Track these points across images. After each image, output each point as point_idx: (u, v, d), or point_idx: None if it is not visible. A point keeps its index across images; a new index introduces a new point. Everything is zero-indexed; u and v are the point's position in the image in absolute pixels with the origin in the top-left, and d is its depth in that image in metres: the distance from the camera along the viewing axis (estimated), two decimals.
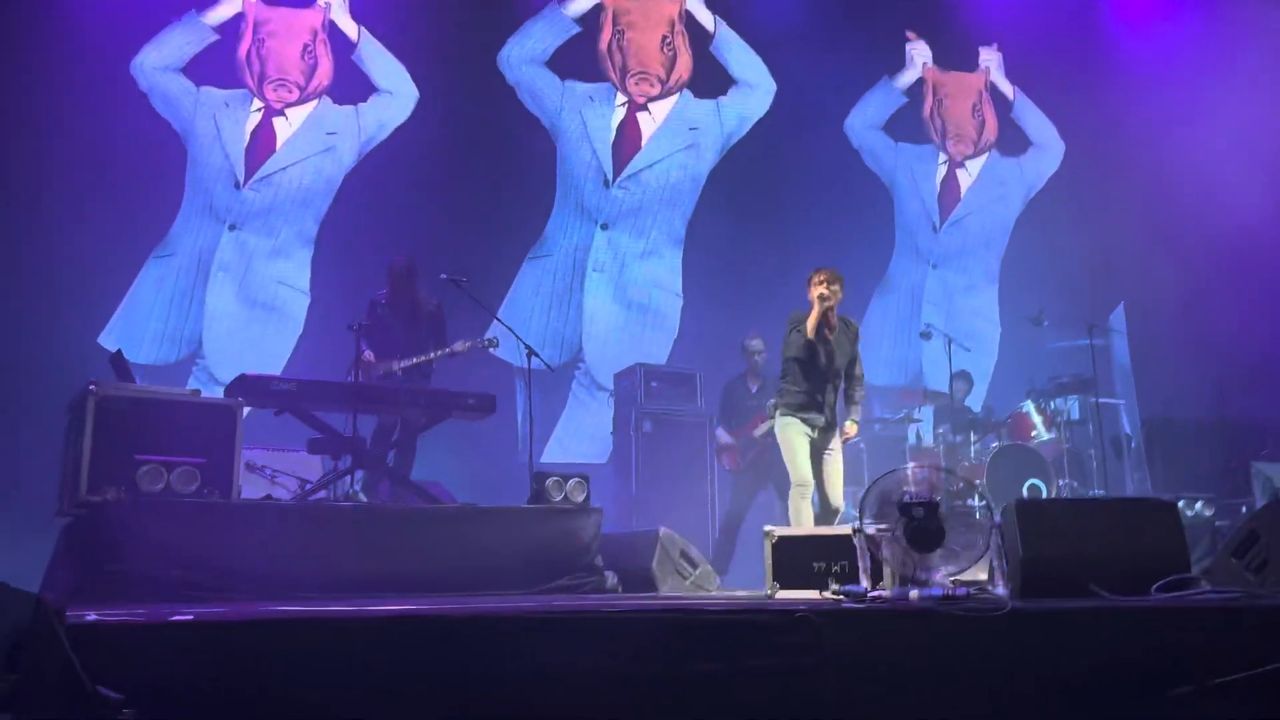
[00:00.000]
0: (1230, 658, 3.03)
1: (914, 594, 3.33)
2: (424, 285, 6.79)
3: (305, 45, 9.25)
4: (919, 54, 11.35)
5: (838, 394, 5.91)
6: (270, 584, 4.62)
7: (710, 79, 10.44)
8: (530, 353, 6.64)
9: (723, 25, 10.58)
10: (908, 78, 11.27)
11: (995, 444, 8.37)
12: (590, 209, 9.90)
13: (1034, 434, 8.44)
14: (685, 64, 10.38)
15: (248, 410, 5.46)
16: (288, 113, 9.10)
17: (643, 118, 10.18)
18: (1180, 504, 6.83)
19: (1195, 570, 4.01)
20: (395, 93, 9.38)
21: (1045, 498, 7.69)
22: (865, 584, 3.63)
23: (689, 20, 10.49)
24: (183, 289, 8.54)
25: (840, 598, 3.60)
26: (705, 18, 10.56)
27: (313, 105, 9.19)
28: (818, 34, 10.36)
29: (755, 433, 7.41)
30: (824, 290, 5.67)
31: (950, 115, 11.36)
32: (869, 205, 10.72)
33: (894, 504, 3.53)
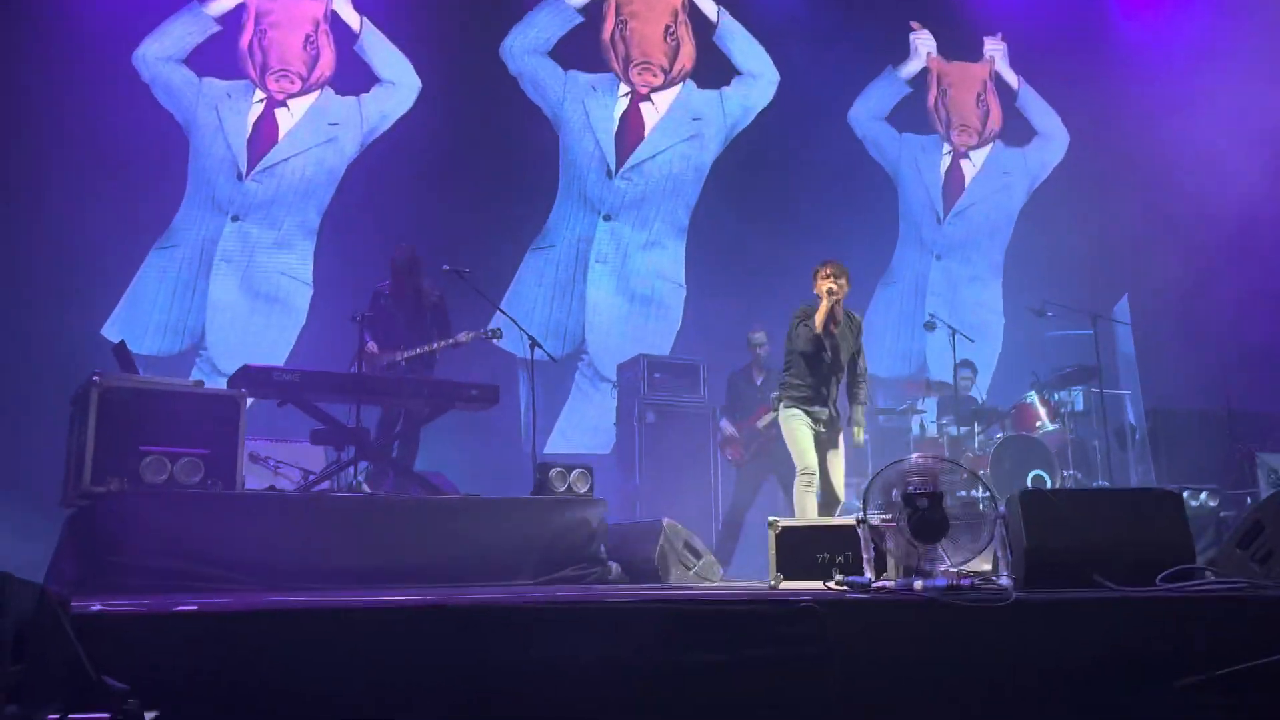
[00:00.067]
0: (1235, 648, 3.03)
1: (918, 585, 3.32)
2: (427, 276, 6.79)
3: (307, 36, 9.22)
4: (923, 44, 11.31)
5: (840, 387, 5.93)
6: (273, 574, 4.64)
7: (713, 69, 10.40)
8: (533, 344, 6.64)
9: (726, 15, 10.54)
10: (912, 68, 11.24)
11: (999, 435, 8.36)
12: (593, 200, 9.88)
13: (1038, 425, 8.43)
14: (688, 54, 10.35)
15: (251, 401, 5.46)
16: (290, 103, 9.08)
17: (646, 108, 10.15)
18: (1185, 495, 6.85)
19: (1200, 561, 4.00)
20: (397, 83, 9.36)
21: (1049, 488, 7.67)
22: (869, 575, 3.63)
23: (692, 10, 10.45)
24: (185, 280, 8.54)
25: (844, 588, 3.60)
26: (708, 7, 10.52)
27: (315, 96, 9.17)
28: (821, 24, 10.34)
29: (759, 424, 7.40)
30: (832, 284, 5.69)
31: (954, 105, 11.32)
32: (873, 196, 10.70)
33: (898, 495, 3.53)
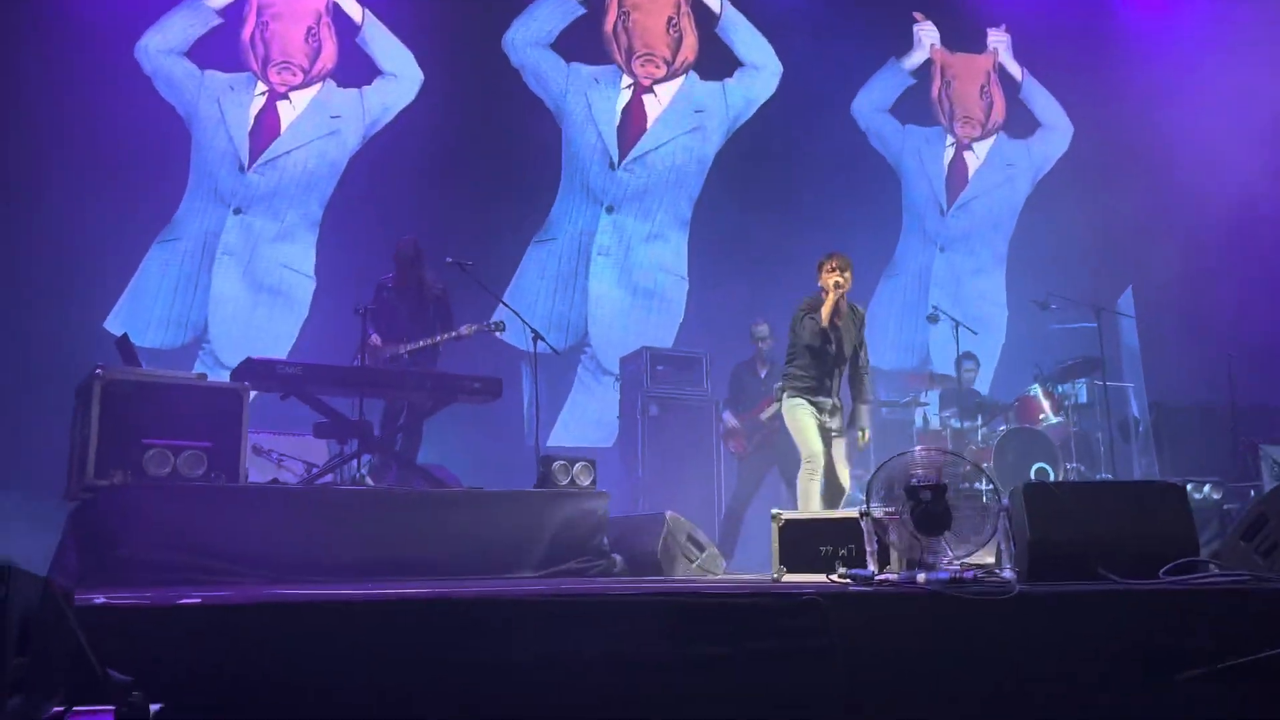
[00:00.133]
0: (1239, 641, 3.02)
1: (921, 577, 3.32)
2: (430, 268, 6.78)
3: (309, 28, 9.20)
4: (927, 35, 11.28)
5: (843, 379, 5.94)
6: (277, 567, 4.64)
7: (716, 61, 10.38)
8: (536, 336, 6.64)
9: (729, 6, 10.51)
10: (915, 59, 11.20)
11: (1002, 427, 8.35)
12: (596, 192, 9.86)
13: (1041, 417, 8.42)
14: (691, 46, 10.32)
15: (254, 394, 5.46)
16: (292, 96, 9.07)
17: (648, 100, 10.13)
18: (1188, 487, 6.84)
19: (1204, 554, 4.00)
20: (399, 75, 9.34)
21: (1053, 481, 7.67)
22: (872, 567, 3.62)
23: (695, 1, 10.42)
24: (188, 273, 8.54)
25: (847, 581, 3.59)
26: None
27: (317, 88, 9.16)
28: (824, 15, 10.31)
29: (762, 416, 7.40)
30: (838, 278, 5.72)
31: (958, 97, 11.29)
32: (876, 188, 10.67)
33: (901, 487, 3.52)
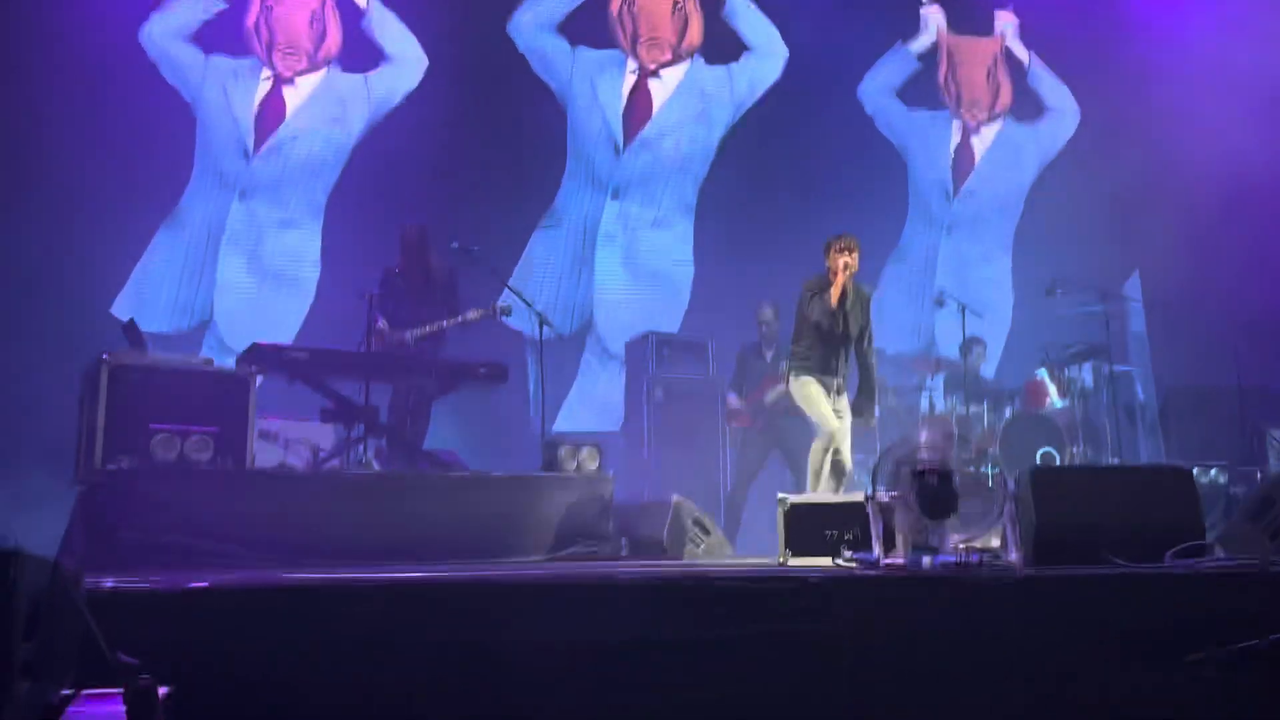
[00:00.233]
0: (1245, 624, 3.02)
1: (927, 561, 3.32)
2: (436, 254, 6.78)
3: (314, 12, 9.16)
4: (934, 19, 11.20)
5: (849, 359, 5.95)
6: (284, 551, 4.67)
7: (722, 45, 10.32)
8: (542, 321, 6.64)
9: None
10: (922, 43, 11.13)
11: (1008, 412, 8.34)
12: (601, 177, 9.84)
13: (1048, 401, 8.41)
14: (697, 30, 10.27)
15: (260, 379, 5.48)
16: (297, 81, 9.04)
17: (654, 84, 10.08)
18: (1195, 471, 6.82)
19: (1210, 537, 4.00)
20: (404, 61, 9.31)
21: (1059, 465, 7.67)
22: (878, 551, 3.63)
23: None
24: (194, 258, 8.54)
25: (853, 565, 3.60)
26: None
27: (321, 74, 9.13)
28: None
29: (766, 397, 7.40)
30: (847, 259, 5.76)
31: (965, 81, 11.22)
32: (882, 172, 10.62)
33: (907, 471, 3.52)
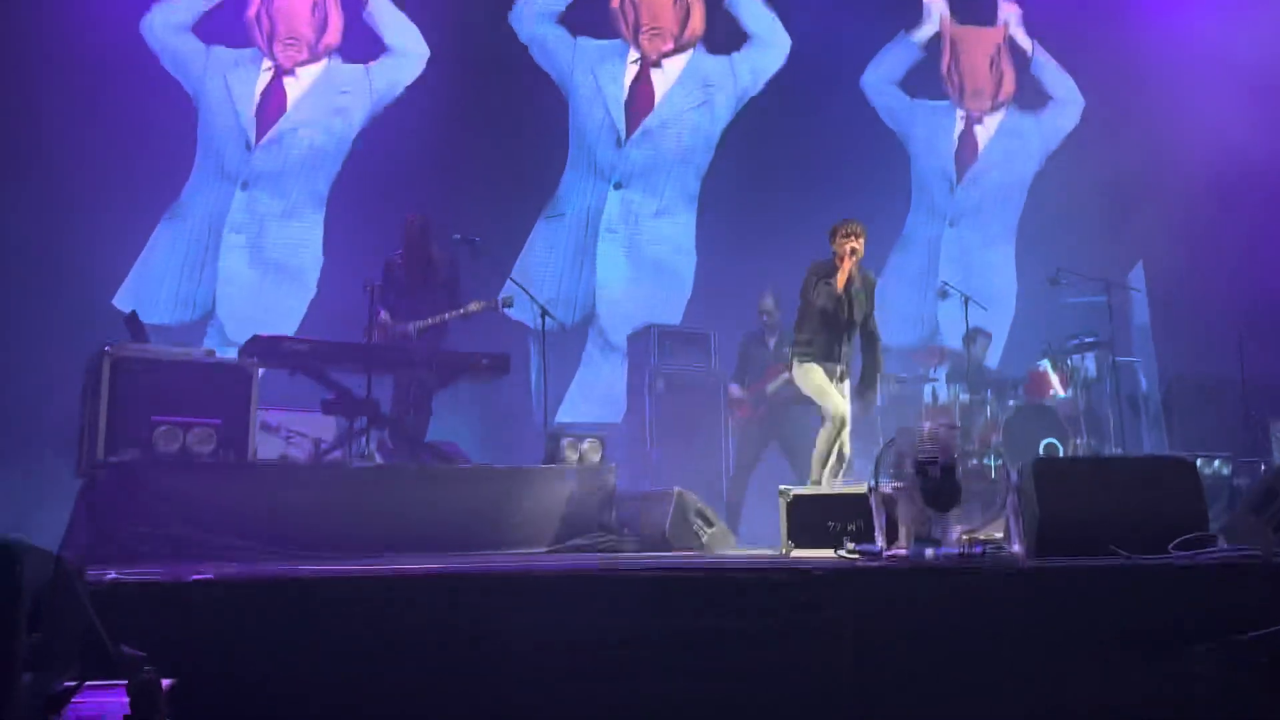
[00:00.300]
0: (1248, 615, 3.03)
1: (930, 552, 3.32)
2: (438, 245, 6.77)
3: (314, 3, 9.13)
4: (936, 8, 11.15)
5: (853, 345, 5.95)
6: (286, 543, 4.67)
7: (724, 34, 10.28)
8: (544, 313, 6.63)
9: None
10: (925, 32, 11.09)
11: (1012, 403, 8.33)
12: (603, 168, 9.82)
13: (1051, 393, 8.39)
14: (699, 19, 10.23)
15: (262, 371, 5.48)
16: (298, 72, 9.02)
17: (656, 74, 10.05)
18: (1198, 462, 6.81)
19: (1213, 528, 3.99)
20: (406, 51, 9.28)
21: (1062, 456, 7.66)
22: (881, 543, 3.63)
23: None
24: (196, 250, 8.54)
25: (856, 556, 3.60)
26: None
27: (323, 64, 9.11)
28: None
29: (768, 387, 7.39)
30: (854, 244, 5.76)
31: (968, 70, 11.18)
32: (885, 162, 10.59)
33: (910, 463, 3.52)
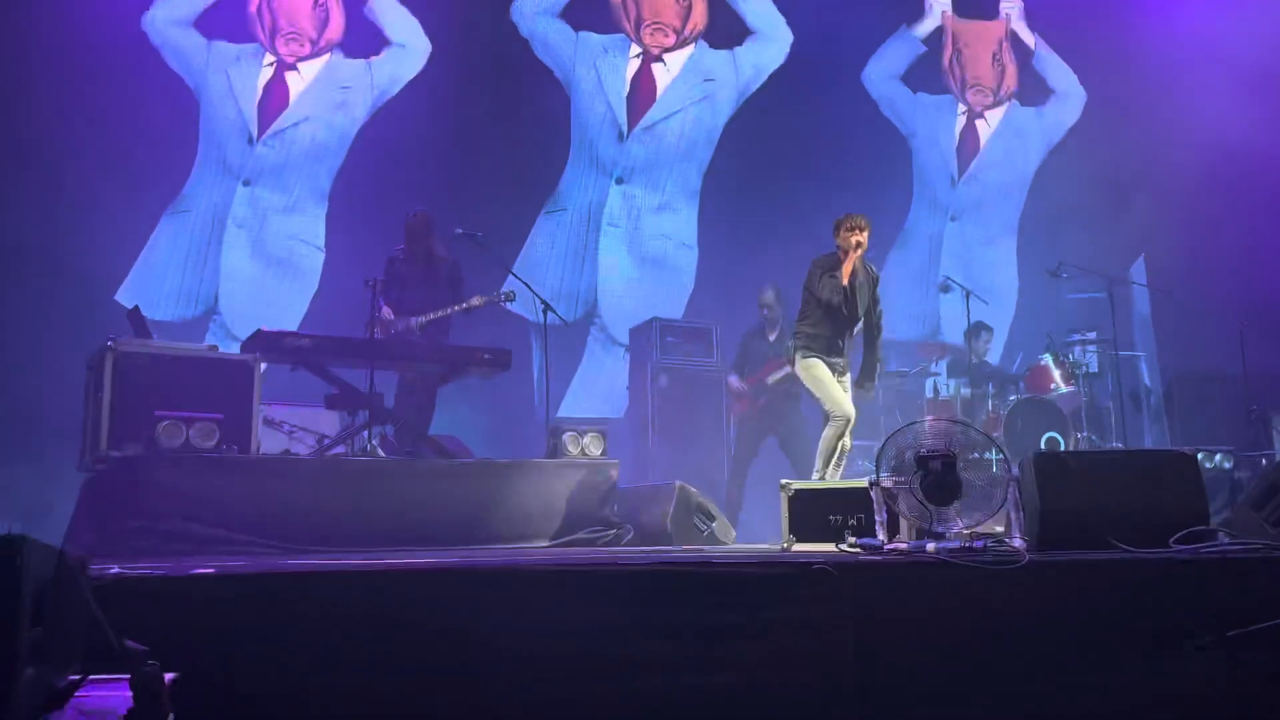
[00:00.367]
0: (1249, 609, 3.03)
1: (931, 546, 3.32)
2: (440, 240, 6.76)
3: None
4: (938, 2, 11.14)
5: (854, 340, 5.96)
6: (289, 538, 4.69)
7: (726, 29, 10.27)
8: (546, 308, 6.63)
9: None
10: (926, 26, 11.08)
11: (1013, 397, 8.33)
12: (605, 163, 9.81)
13: (1052, 387, 8.39)
14: (700, 14, 10.22)
15: (265, 366, 5.48)
16: (300, 67, 9.02)
17: (658, 69, 10.04)
18: (1200, 456, 6.81)
19: (1214, 522, 3.99)
20: (407, 46, 9.28)
21: (1063, 450, 7.66)
22: (882, 537, 3.63)
23: None
24: (198, 245, 8.54)
25: (857, 550, 3.60)
26: None
27: (325, 59, 9.10)
28: None
29: (769, 379, 7.39)
30: (859, 237, 5.78)
31: (970, 64, 11.17)
32: (887, 157, 10.58)
33: (911, 457, 3.52)
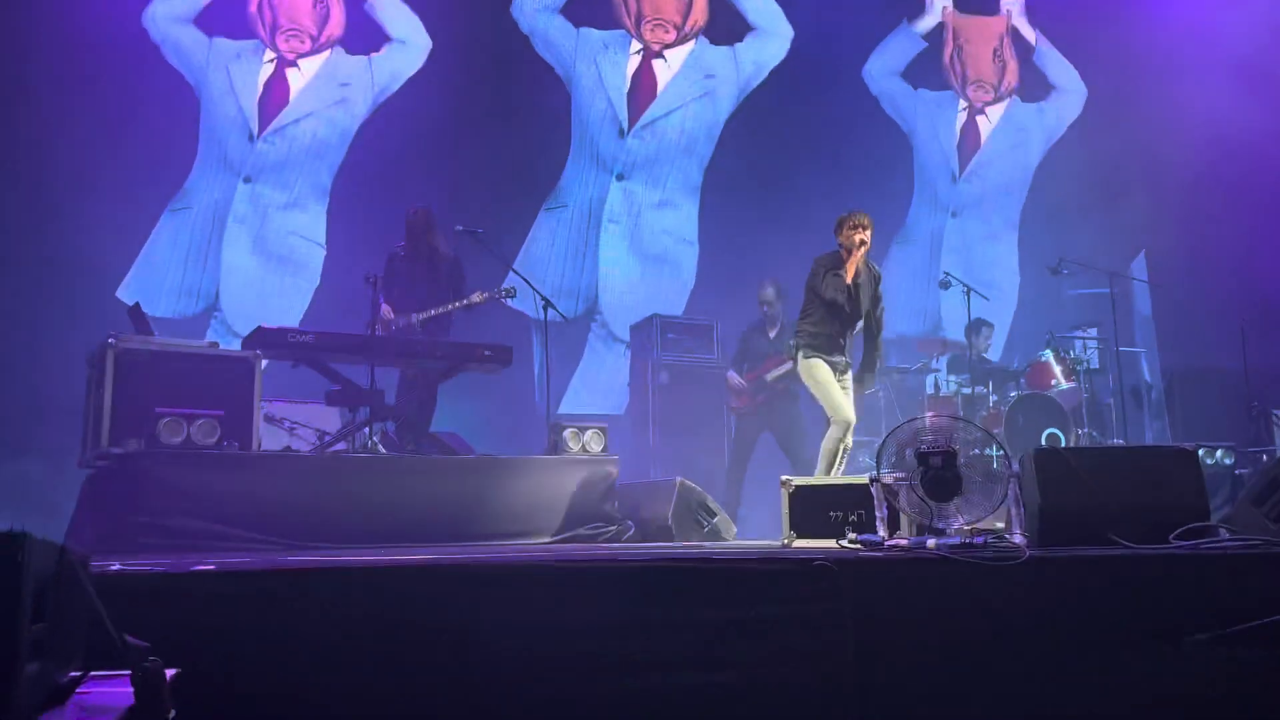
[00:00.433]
0: (1249, 606, 3.03)
1: (931, 542, 3.33)
2: (441, 237, 6.76)
3: None
4: None
5: (856, 338, 5.97)
6: (290, 534, 4.69)
7: (726, 25, 10.27)
8: (546, 304, 6.63)
9: None
10: (927, 22, 11.07)
11: (1014, 393, 8.33)
12: (605, 159, 9.81)
13: (1053, 383, 8.39)
14: (701, 10, 10.21)
15: (266, 362, 5.49)
16: (300, 63, 9.02)
17: (658, 65, 10.03)
18: (1200, 452, 6.82)
19: (1214, 519, 3.99)
20: (408, 42, 9.27)
21: (1064, 446, 7.65)
22: (882, 533, 3.64)
23: None
24: (199, 242, 8.55)
25: (857, 546, 3.60)
26: None
27: (325, 56, 9.10)
28: None
29: (768, 376, 7.39)
30: (863, 235, 5.76)
31: (970, 60, 11.16)
32: (888, 153, 10.57)
33: (911, 453, 3.52)
